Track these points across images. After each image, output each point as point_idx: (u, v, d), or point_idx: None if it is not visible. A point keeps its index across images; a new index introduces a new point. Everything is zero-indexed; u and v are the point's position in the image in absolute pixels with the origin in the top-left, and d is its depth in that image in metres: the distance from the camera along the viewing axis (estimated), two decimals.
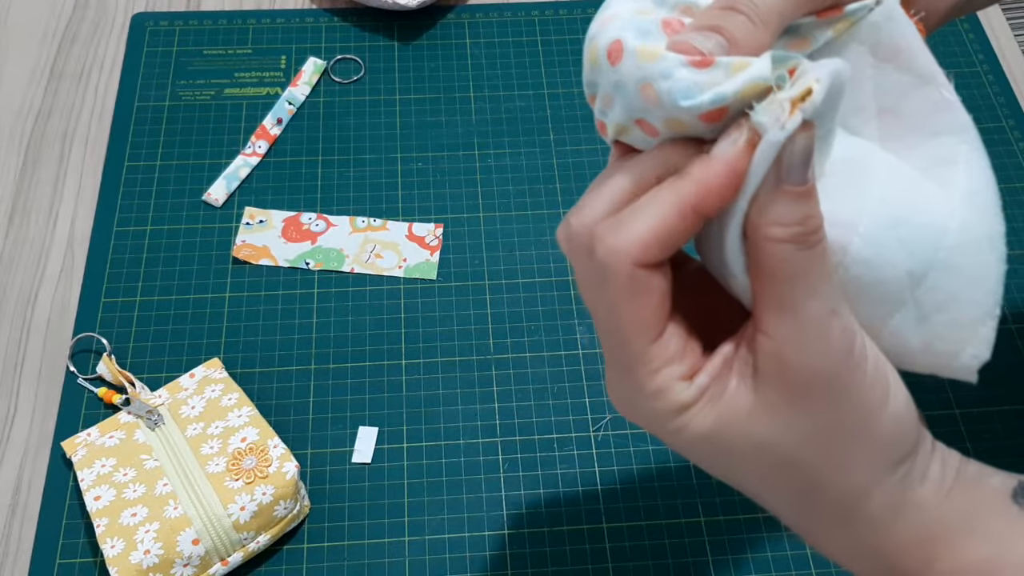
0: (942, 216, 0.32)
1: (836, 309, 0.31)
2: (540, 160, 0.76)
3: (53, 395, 0.64)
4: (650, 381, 0.33)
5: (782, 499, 0.35)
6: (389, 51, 0.82)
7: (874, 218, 0.32)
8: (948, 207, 0.33)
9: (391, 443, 0.63)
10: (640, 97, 0.32)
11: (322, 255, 0.70)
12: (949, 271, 0.32)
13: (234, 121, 0.77)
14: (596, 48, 0.33)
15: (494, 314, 0.68)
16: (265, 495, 0.56)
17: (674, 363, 0.33)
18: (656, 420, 0.34)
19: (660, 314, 0.33)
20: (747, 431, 0.33)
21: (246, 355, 0.66)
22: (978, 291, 0.33)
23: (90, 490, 0.57)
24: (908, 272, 0.32)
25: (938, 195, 0.33)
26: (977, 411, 0.65)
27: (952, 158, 0.34)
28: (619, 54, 0.32)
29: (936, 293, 0.32)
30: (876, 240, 0.32)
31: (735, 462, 0.34)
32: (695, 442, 0.34)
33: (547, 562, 0.59)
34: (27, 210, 0.72)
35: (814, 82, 0.29)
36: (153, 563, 0.54)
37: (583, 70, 0.34)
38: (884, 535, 0.34)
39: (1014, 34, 0.86)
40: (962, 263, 0.32)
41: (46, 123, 0.77)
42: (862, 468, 0.33)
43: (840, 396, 0.32)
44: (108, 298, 0.68)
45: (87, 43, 0.82)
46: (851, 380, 0.32)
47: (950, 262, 0.32)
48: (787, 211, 0.30)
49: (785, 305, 0.31)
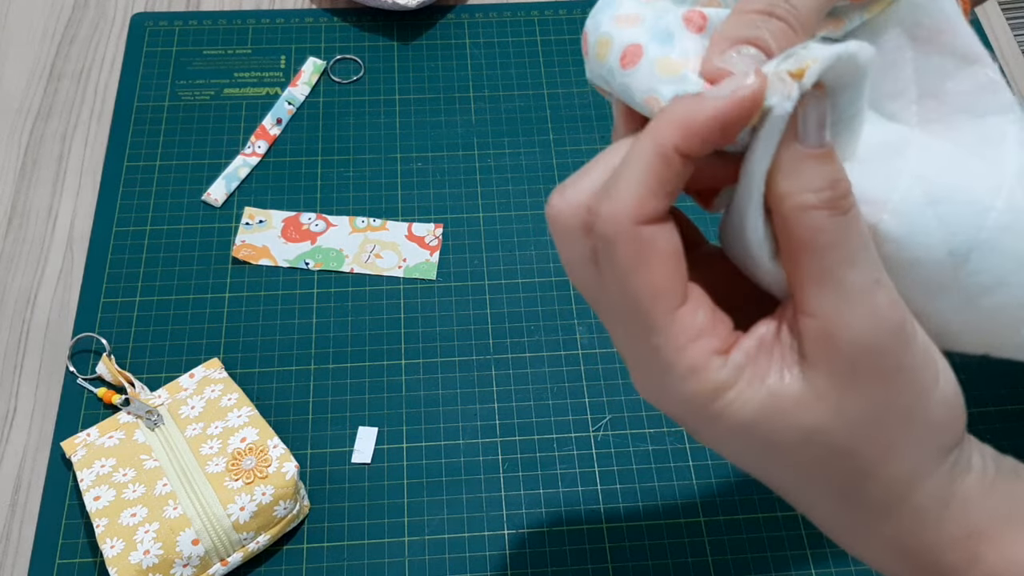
0: (986, 193, 0.30)
1: (880, 279, 0.29)
2: (540, 160, 0.76)
3: (53, 395, 0.64)
4: (680, 358, 0.30)
5: (823, 495, 0.33)
6: (389, 51, 0.82)
7: (907, 194, 0.30)
8: (993, 184, 0.31)
9: (391, 443, 0.63)
10: (644, 106, 0.31)
11: (322, 255, 0.70)
12: (995, 251, 0.30)
13: (234, 121, 0.77)
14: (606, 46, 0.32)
15: (494, 314, 0.68)
16: (265, 495, 0.56)
17: (704, 335, 0.30)
18: (692, 405, 0.31)
19: (677, 277, 0.30)
20: (795, 422, 0.30)
21: (246, 355, 0.66)
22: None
23: (90, 490, 0.57)
24: (949, 252, 0.30)
25: (983, 172, 0.31)
26: (977, 411, 0.65)
27: (999, 138, 0.32)
28: (636, 59, 0.31)
29: (982, 276, 0.30)
30: (909, 216, 0.30)
31: (776, 455, 0.32)
32: (735, 431, 0.31)
33: (547, 562, 0.59)
34: (26, 210, 0.72)
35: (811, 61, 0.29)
36: (153, 563, 0.54)
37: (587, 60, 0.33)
38: (930, 529, 0.32)
39: (1014, 34, 0.86)
40: (1009, 243, 0.30)
41: (46, 123, 0.77)
42: (914, 455, 0.31)
43: (893, 375, 0.30)
44: (108, 298, 0.68)
45: (86, 43, 0.82)
46: (903, 357, 0.30)
47: (996, 242, 0.30)
48: (814, 175, 0.29)
49: (826, 278, 0.29)
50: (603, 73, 0.32)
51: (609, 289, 0.31)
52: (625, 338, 0.32)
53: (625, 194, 0.30)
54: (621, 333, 0.33)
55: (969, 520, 0.32)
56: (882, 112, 0.33)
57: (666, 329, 0.30)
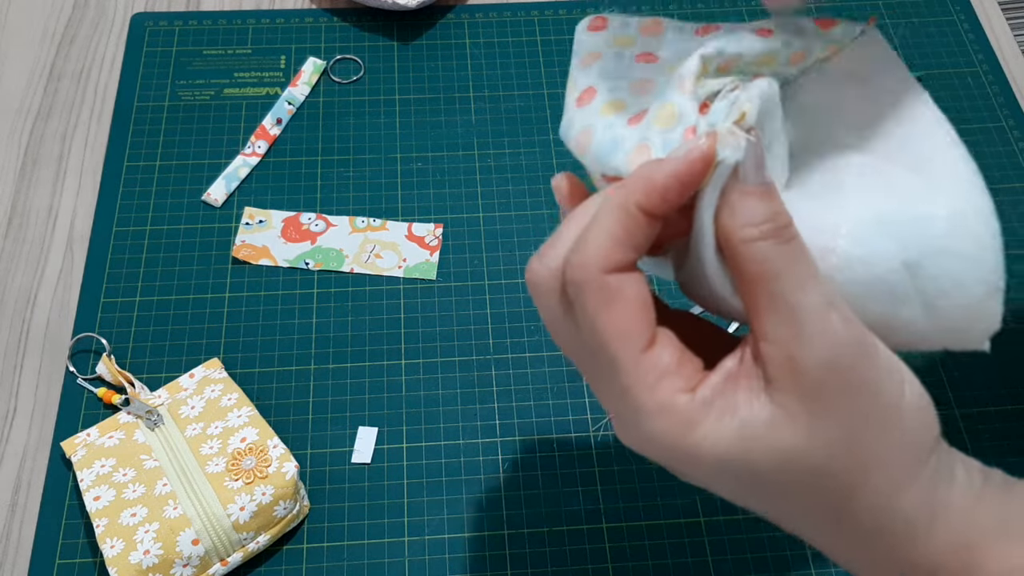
0: (928, 205, 0.33)
1: (832, 302, 0.31)
2: (540, 160, 0.76)
3: (53, 395, 0.64)
4: (649, 397, 0.32)
5: (812, 519, 0.34)
6: (389, 51, 0.82)
7: (857, 219, 0.33)
8: (932, 196, 0.33)
9: (391, 443, 0.63)
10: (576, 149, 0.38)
11: (322, 255, 0.70)
12: (945, 255, 0.32)
13: (234, 121, 0.77)
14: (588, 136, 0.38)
15: (494, 314, 0.68)
16: (265, 495, 0.56)
17: (670, 375, 0.32)
18: (667, 443, 0.32)
19: (642, 321, 0.32)
20: (770, 445, 0.31)
21: (246, 355, 0.66)
22: (979, 270, 0.33)
23: (90, 490, 0.57)
24: (903, 263, 0.32)
25: (923, 187, 0.34)
26: (977, 411, 0.65)
27: (931, 154, 0.34)
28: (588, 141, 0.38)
29: (938, 280, 0.32)
30: (862, 238, 0.33)
31: (759, 484, 0.32)
32: (714, 465, 0.32)
33: (547, 562, 0.59)
34: (26, 210, 0.72)
35: (746, 104, 0.32)
36: (153, 563, 0.54)
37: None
38: (922, 540, 0.32)
39: (1014, 34, 0.86)
40: (957, 246, 0.32)
41: (45, 123, 0.77)
42: (892, 464, 0.32)
43: (858, 388, 0.31)
44: (108, 298, 0.68)
45: (86, 43, 0.82)
46: (866, 370, 0.31)
47: (944, 246, 0.32)
48: (755, 210, 0.31)
49: (779, 304, 0.31)
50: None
51: (582, 337, 0.34)
52: (601, 385, 0.34)
53: (593, 245, 0.32)
54: (598, 381, 0.35)
55: (961, 530, 0.32)
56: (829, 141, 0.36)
57: (633, 369, 0.32)
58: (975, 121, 0.78)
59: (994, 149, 0.76)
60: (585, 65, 0.40)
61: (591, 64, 0.40)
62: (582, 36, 0.41)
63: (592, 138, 0.37)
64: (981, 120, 0.79)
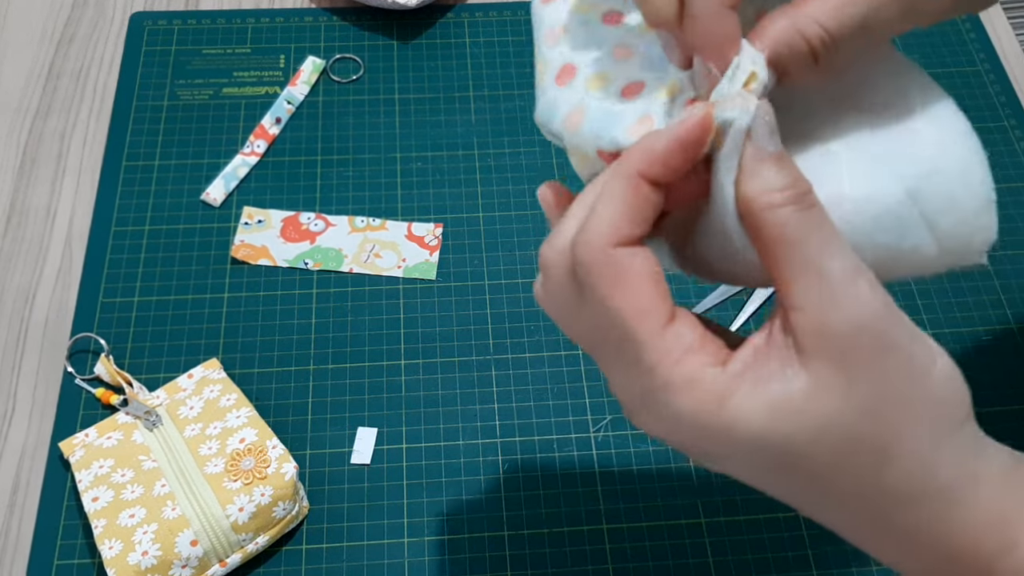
0: (913, 136, 0.35)
1: (859, 267, 0.31)
2: (540, 160, 0.76)
3: (51, 396, 0.64)
4: (676, 371, 0.31)
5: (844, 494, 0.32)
6: (388, 51, 0.82)
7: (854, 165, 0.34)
8: (915, 128, 0.35)
9: (390, 443, 0.63)
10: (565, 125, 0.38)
11: (321, 255, 0.70)
12: (938, 175, 0.34)
13: (233, 120, 0.77)
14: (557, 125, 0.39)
15: (494, 314, 0.68)
16: (264, 496, 0.56)
17: (695, 351, 0.31)
18: (699, 421, 0.31)
19: (658, 296, 0.32)
20: (807, 417, 0.30)
21: (245, 355, 0.66)
22: (971, 183, 0.34)
23: (88, 491, 0.57)
24: (906, 191, 0.34)
25: (905, 123, 0.35)
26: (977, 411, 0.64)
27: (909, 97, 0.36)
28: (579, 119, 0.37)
29: (936, 199, 0.34)
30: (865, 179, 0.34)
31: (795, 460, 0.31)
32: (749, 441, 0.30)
33: (547, 563, 0.59)
34: (25, 209, 0.72)
35: (751, 66, 0.32)
36: (151, 564, 0.54)
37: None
38: (959, 510, 0.31)
39: (1015, 34, 0.86)
40: (946, 165, 0.34)
41: (44, 122, 0.77)
42: (927, 429, 0.31)
43: (891, 352, 0.30)
44: (106, 298, 0.68)
45: (85, 42, 0.82)
46: (897, 335, 0.31)
47: (935, 167, 0.34)
48: (775, 176, 0.31)
49: (807, 270, 0.30)
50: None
51: (596, 320, 0.33)
52: (619, 369, 0.33)
53: (598, 220, 0.32)
54: (616, 367, 0.34)
55: (998, 503, 0.32)
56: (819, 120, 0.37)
57: (657, 345, 0.31)
58: (976, 121, 0.78)
59: (996, 149, 0.76)
60: (553, 41, 0.39)
61: (560, 38, 0.39)
62: (540, 11, 0.40)
63: (584, 115, 0.37)
64: (983, 120, 0.79)
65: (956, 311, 0.68)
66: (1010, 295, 0.69)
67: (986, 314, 0.68)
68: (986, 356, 0.66)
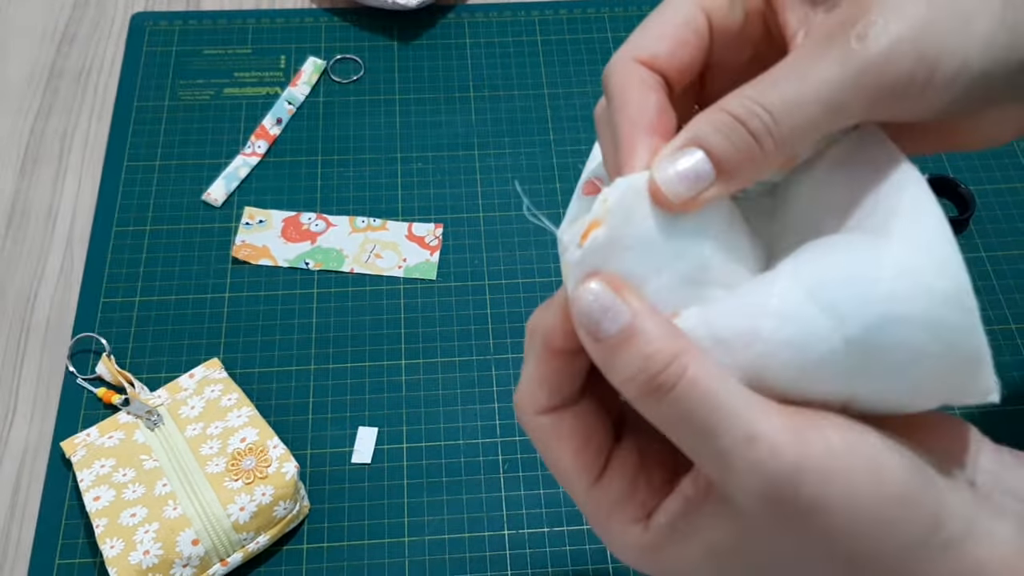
0: (871, 266, 0.27)
1: (752, 435, 0.27)
2: (540, 160, 0.76)
3: (52, 395, 0.64)
4: (608, 525, 0.32)
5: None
6: (389, 51, 0.82)
7: (785, 294, 0.28)
8: (879, 254, 0.27)
9: (391, 443, 0.63)
10: None
11: (322, 255, 0.70)
12: (895, 324, 0.26)
13: (234, 121, 0.77)
14: None
15: (494, 314, 0.68)
16: (264, 495, 0.56)
17: (622, 506, 0.31)
18: (636, 563, 0.32)
19: (585, 458, 0.32)
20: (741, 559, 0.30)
21: (246, 355, 0.66)
22: (946, 336, 0.27)
23: (89, 490, 0.57)
24: (844, 340, 0.27)
25: (870, 246, 0.28)
26: (977, 411, 0.65)
27: (895, 211, 0.28)
28: None
29: (893, 353, 0.27)
30: (793, 317, 0.27)
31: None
32: (687, 573, 0.31)
33: (547, 562, 0.59)
34: (26, 210, 0.72)
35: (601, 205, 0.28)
36: (152, 563, 0.54)
37: None
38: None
39: None
40: (909, 310, 0.26)
41: (45, 123, 0.77)
42: (879, 561, 0.28)
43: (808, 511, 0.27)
44: (107, 298, 0.68)
45: (86, 43, 0.82)
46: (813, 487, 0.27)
47: (891, 313, 0.26)
48: (624, 365, 0.28)
49: (694, 453, 0.28)
50: None
51: None
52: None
53: (520, 392, 0.32)
54: None
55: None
56: (807, 231, 0.31)
57: (588, 500, 0.32)
58: None
59: (995, 149, 0.76)
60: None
61: None
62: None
63: None
64: None
65: None
66: (1010, 295, 0.69)
67: (986, 314, 0.68)
68: None
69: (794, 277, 0.28)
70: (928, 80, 0.28)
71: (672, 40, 0.31)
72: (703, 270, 0.29)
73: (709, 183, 0.28)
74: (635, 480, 0.32)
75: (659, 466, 0.32)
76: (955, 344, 0.27)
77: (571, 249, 0.29)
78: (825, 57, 0.28)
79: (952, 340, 0.27)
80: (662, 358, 0.27)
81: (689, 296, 0.29)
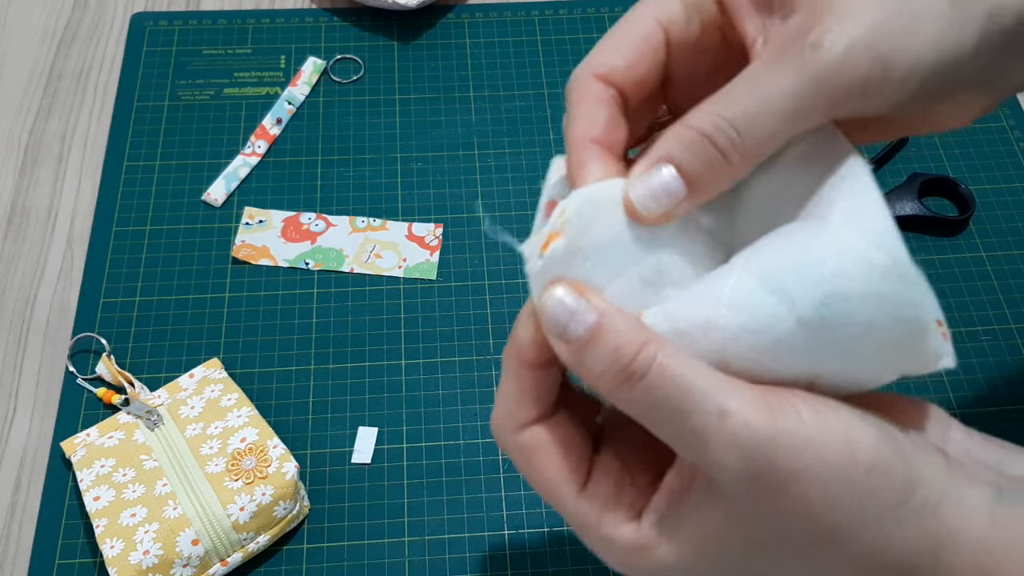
0: (815, 248, 0.29)
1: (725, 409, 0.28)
2: (540, 160, 0.76)
3: (52, 395, 0.64)
4: (596, 533, 0.32)
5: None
6: (389, 51, 0.82)
7: (737, 284, 0.29)
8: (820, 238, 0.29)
9: (391, 443, 0.63)
10: None
11: (322, 255, 0.70)
12: (846, 300, 0.28)
13: (234, 121, 0.77)
14: None
15: (494, 314, 0.68)
16: (264, 495, 0.56)
17: (610, 509, 0.32)
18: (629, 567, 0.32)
19: (568, 467, 0.32)
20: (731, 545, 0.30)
21: (246, 355, 0.66)
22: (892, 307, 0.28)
23: (89, 490, 0.57)
24: (799, 322, 0.28)
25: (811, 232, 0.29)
26: (978, 411, 0.65)
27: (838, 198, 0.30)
28: None
29: (845, 329, 0.29)
30: (746, 305, 0.29)
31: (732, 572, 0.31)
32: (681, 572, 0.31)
33: (547, 562, 0.59)
34: (26, 210, 0.72)
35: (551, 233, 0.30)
36: (152, 563, 0.54)
37: None
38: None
39: None
40: (856, 288, 0.28)
41: (45, 123, 0.77)
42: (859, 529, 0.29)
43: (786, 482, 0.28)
44: (107, 298, 0.68)
45: (86, 43, 0.82)
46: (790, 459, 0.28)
47: (843, 291, 0.28)
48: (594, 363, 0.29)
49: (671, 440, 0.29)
50: None
51: None
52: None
53: (497, 411, 0.33)
54: None
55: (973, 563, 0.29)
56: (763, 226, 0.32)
57: (575, 511, 0.33)
58: (976, 120, 0.78)
59: (995, 149, 0.76)
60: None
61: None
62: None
63: None
64: (982, 119, 0.79)
65: (955, 311, 0.68)
66: (1010, 295, 0.69)
67: (986, 314, 0.68)
68: (985, 356, 0.66)
69: (745, 268, 0.30)
70: (883, 79, 0.29)
71: (628, 55, 0.32)
72: (660, 273, 0.31)
73: (681, 198, 0.30)
74: (620, 484, 0.33)
75: (642, 471, 0.33)
76: (899, 314, 0.28)
77: (532, 260, 0.31)
78: (783, 67, 0.29)
79: (896, 310, 0.28)
80: (631, 349, 0.29)
81: (649, 298, 0.31)
